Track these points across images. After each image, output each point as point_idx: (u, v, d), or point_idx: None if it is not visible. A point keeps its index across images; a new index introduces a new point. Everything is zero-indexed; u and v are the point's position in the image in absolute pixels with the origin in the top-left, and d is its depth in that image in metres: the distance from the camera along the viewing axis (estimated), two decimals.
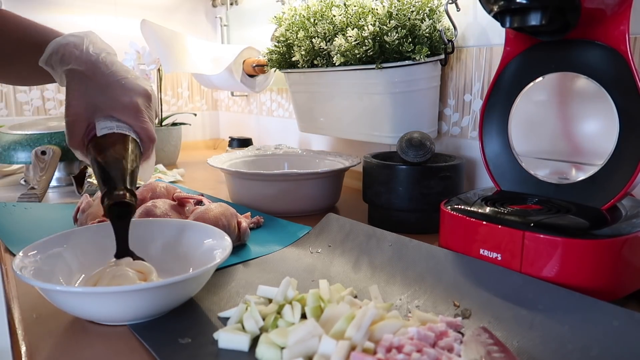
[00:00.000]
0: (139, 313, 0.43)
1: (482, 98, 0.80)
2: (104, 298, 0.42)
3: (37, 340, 0.41)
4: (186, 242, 0.56)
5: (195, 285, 0.46)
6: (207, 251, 0.53)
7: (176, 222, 0.58)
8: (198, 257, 0.53)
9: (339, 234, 0.63)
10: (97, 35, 0.57)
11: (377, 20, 0.74)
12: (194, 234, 0.56)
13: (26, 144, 0.99)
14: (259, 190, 0.80)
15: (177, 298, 0.45)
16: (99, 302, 0.42)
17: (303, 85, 0.96)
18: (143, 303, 0.42)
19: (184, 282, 0.43)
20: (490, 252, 0.50)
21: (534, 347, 0.39)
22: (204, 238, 0.54)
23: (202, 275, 0.45)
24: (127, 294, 0.41)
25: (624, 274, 0.47)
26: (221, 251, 0.50)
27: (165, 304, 0.44)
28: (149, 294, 0.42)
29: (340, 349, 0.35)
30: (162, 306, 0.44)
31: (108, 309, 0.43)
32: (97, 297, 0.42)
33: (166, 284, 0.42)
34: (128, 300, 0.42)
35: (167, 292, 0.43)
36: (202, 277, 0.46)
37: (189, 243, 0.55)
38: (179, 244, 0.56)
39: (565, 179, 0.57)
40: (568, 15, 0.52)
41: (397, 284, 0.52)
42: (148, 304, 0.43)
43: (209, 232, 0.55)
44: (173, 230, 0.57)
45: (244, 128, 1.60)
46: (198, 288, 0.48)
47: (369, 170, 0.73)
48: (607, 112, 0.52)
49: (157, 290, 0.42)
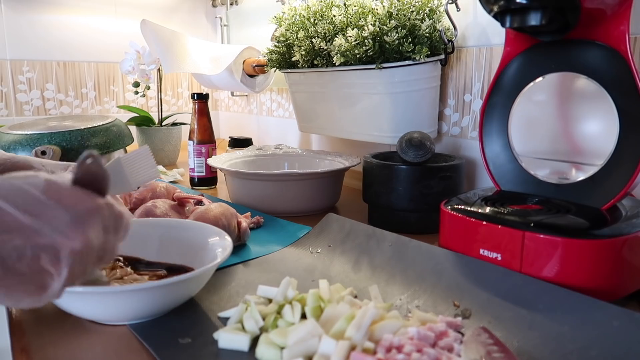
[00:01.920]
0: (139, 313, 0.43)
1: (482, 98, 0.80)
2: (104, 298, 0.42)
3: (37, 340, 0.41)
4: (186, 241, 0.56)
5: (196, 285, 0.46)
6: (208, 251, 0.53)
7: (176, 222, 0.58)
8: (199, 256, 0.53)
9: (339, 234, 0.63)
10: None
11: (377, 20, 0.74)
12: (194, 233, 0.56)
13: (26, 144, 0.99)
14: (259, 190, 0.80)
15: (178, 298, 0.45)
16: (99, 302, 0.42)
17: (303, 85, 0.96)
18: (143, 303, 0.42)
19: (184, 282, 0.43)
20: (490, 252, 0.50)
21: (534, 347, 0.39)
22: (205, 237, 0.55)
23: (202, 275, 0.45)
24: (127, 294, 0.41)
25: (623, 274, 0.47)
26: (222, 250, 0.50)
27: (165, 303, 0.44)
28: (149, 294, 0.42)
29: (340, 349, 0.35)
30: (163, 306, 0.44)
31: (108, 309, 0.43)
32: (97, 297, 0.42)
33: (166, 284, 0.42)
34: (128, 300, 0.42)
35: (167, 292, 0.43)
36: (203, 277, 0.46)
37: (189, 243, 0.55)
38: (179, 243, 0.56)
39: (565, 179, 0.57)
40: (568, 15, 0.52)
41: (397, 284, 0.52)
42: (148, 303, 0.43)
43: (210, 231, 0.55)
44: (173, 230, 0.57)
45: (244, 128, 1.60)
46: (198, 288, 0.48)
47: (369, 170, 0.73)
48: (607, 112, 0.52)
49: (158, 290, 0.42)
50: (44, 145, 0.97)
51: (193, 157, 1.00)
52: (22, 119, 1.42)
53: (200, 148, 0.99)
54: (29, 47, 1.42)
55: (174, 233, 0.56)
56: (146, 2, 1.58)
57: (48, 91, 1.46)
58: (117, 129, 1.10)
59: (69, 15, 1.47)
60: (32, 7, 1.42)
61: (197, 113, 1.00)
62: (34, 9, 1.42)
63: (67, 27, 1.47)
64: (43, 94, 1.46)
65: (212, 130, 1.02)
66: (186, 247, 0.55)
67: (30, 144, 0.98)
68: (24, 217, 0.30)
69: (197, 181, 1.01)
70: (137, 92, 1.36)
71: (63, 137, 1.00)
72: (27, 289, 0.31)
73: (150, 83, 1.30)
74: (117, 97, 1.58)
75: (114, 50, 1.52)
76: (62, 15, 1.46)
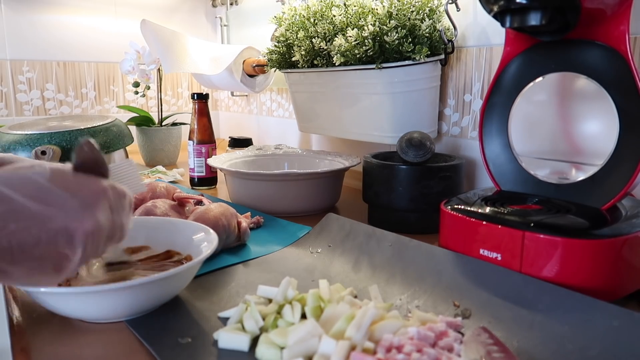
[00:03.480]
0: (128, 310, 0.44)
1: (482, 98, 0.80)
2: (88, 297, 0.42)
3: (37, 340, 0.41)
4: (173, 238, 0.56)
5: (181, 281, 0.47)
6: (195, 246, 0.54)
7: (163, 220, 0.59)
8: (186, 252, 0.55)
9: (339, 234, 0.63)
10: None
11: (377, 20, 0.74)
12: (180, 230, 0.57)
13: (26, 144, 0.99)
14: (259, 190, 0.80)
15: (163, 294, 0.46)
16: (84, 301, 0.42)
17: (303, 85, 0.96)
18: (130, 301, 0.43)
19: (172, 278, 0.44)
20: (490, 252, 0.50)
21: (534, 347, 0.39)
22: (192, 234, 0.55)
23: (187, 271, 0.46)
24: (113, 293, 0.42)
25: (623, 274, 0.47)
26: (206, 245, 0.51)
27: (153, 300, 0.45)
28: (134, 292, 0.43)
29: (340, 349, 0.35)
30: (151, 302, 0.45)
31: (95, 307, 0.43)
32: (82, 297, 0.42)
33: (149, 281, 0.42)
34: (117, 298, 0.42)
35: (151, 289, 0.44)
36: (188, 273, 0.47)
37: (177, 239, 0.56)
38: (167, 240, 0.57)
39: (565, 179, 0.57)
40: (568, 15, 0.52)
41: (397, 284, 0.52)
42: (135, 301, 0.43)
43: (196, 228, 0.56)
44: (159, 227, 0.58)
45: (244, 128, 1.60)
46: (185, 283, 0.48)
47: (369, 170, 0.73)
48: (607, 112, 0.52)
49: (141, 288, 0.43)
50: (44, 145, 0.97)
51: (193, 157, 1.00)
52: (22, 119, 1.43)
53: (200, 148, 0.99)
54: (29, 47, 1.42)
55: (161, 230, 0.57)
56: (146, 2, 1.58)
57: (48, 91, 1.46)
58: (117, 129, 1.10)
59: (69, 15, 1.47)
60: (32, 7, 1.42)
61: (197, 113, 1.00)
62: (34, 9, 1.42)
63: (67, 27, 1.47)
64: (43, 94, 1.46)
65: (212, 130, 1.02)
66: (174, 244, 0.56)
67: (30, 144, 0.98)
68: (35, 205, 0.32)
69: (197, 181, 1.02)
70: (137, 92, 1.36)
71: (63, 137, 1.00)
72: (45, 270, 0.33)
73: (150, 83, 1.30)
74: (117, 97, 1.58)
75: (114, 50, 1.52)
76: (62, 15, 1.46)
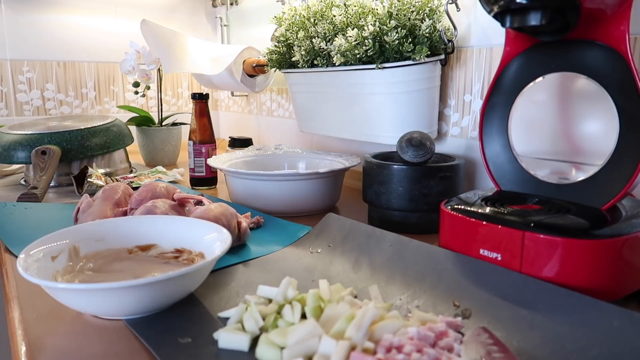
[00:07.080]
0: (139, 307, 0.44)
1: (482, 98, 0.80)
2: (105, 294, 0.42)
3: (37, 340, 0.42)
4: (185, 237, 0.56)
5: (195, 280, 0.47)
6: (207, 246, 0.53)
7: (174, 219, 0.59)
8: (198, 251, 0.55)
9: (339, 234, 0.63)
10: None
11: (377, 20, 0.74)
12: (192, 229, 0.57)
13: (26, 144, 0.99)
14: (259, 190, 0.80)
15: (178, 292, 0.46)
16: (100, 297, 0.43)
17: (303, 85, 0.96)
18: (144, 297, 0.43)
19: (183, 277, 0.44)
20: (490, 252, 0.50)
21: (534, 347, 0.39)
22: (204, 234, 0.55)
23: (201, 270, 0.46)
24: (128, 289, 0.42)
25: (623, 274, 0.47)
26: (220, 244, 0.51)
27: (166, 298, 0.45)
28: (149, 289, 0.43)
29: (340, 349, 0.35)
30: (164, 300, 0.45)
31: (109, 303, 0.43)
32: (98, 293, 0.42)
33: (167, 278, 0.42)
34: (129, 295, 0.42)
35: (167, 287, 0.44)
36: (202, 272, 0.47)
37: (188, 238, 0.56)
38: (178, 239, 0.57)
39: (565, 179, 0.57)
40: (568, 15, 0.52)
41: (397, 284, 0.52)
42: (149, 298, 0.43)
43: (209, 227, 0.56)
44: (172, 227, 0.58)
45: (244, 128, 1.60)
46: (198, 283, 0.48)
47: (369, 170, 0.73)
48: (607, 112, 0.52)
49: (158, 285, 0.43)
50: (44, 145, 0.97)
51: (193, 157, 1.00)
52: (22, 119, 1.43)
53: (200, 148, 0.99)
54: (29, 47, 1.42)
55: (173, 229, 0.58)
56: (146, 2, 1.58)
57: (48, 91, 1.46)
58: (117, 129, 1.10)
59: (69, 15, 1.47)
60: (32, 7, 1.42)
61: (197, 113, 1.00)
62: (34, 9, 1.42)
63: (67, 27, 1.47)
64: (43, 94, 1.46)
65: (212, 130, 1.02)
66: (185, 243, 0.56)
67: (30, 144, 0.98)
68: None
69: (197, 181, 1.02)
70: (137, 92, 1.36)
71: (63, 137, 1.00)
72: None
73: (150, 83, 1.30)
74: (117, 97, 1.58)
75: (114, 50, 1.52)
76: (62, 15, 1.46)
